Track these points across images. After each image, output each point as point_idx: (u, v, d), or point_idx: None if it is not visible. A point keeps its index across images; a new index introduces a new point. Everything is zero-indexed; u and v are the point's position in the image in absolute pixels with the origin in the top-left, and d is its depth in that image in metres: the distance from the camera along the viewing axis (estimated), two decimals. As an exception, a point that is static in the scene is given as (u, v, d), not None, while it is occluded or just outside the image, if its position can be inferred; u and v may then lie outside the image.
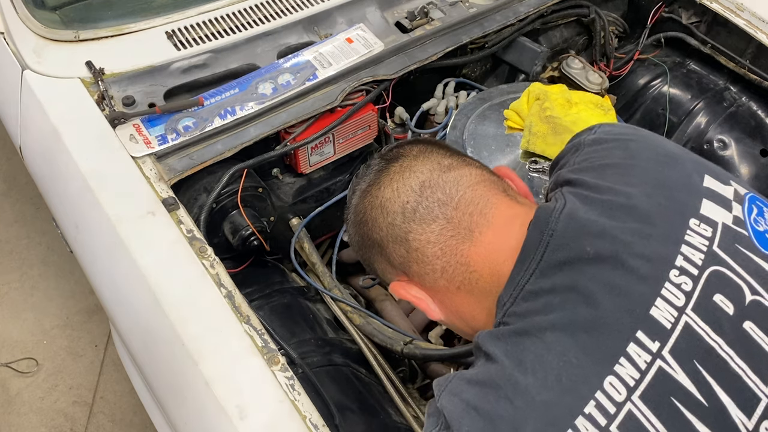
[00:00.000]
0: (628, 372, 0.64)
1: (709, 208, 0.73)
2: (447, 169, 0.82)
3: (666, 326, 0.65)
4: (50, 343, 2.15)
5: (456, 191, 0.80)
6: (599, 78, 1.71)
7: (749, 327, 0.66)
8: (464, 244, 0.78)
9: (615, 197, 0.74)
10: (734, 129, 1.76)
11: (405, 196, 0.81)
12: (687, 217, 0.71)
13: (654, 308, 0.66)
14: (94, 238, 1.21)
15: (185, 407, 1.03)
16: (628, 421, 0.62)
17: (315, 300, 1.41)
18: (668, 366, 0.64)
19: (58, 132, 1.28)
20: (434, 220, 0.79)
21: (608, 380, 0.63)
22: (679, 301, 0.66)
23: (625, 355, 0.64)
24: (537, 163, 1.35)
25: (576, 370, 0.65)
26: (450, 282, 0.80)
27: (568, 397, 0.64)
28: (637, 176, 0.76)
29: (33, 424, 1.98)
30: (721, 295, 0.67)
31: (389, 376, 1.29)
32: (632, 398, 0.63)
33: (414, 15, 1.57)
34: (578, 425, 0.62)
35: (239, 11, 1.50)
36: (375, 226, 0.83)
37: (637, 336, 0.65)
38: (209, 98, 1.35)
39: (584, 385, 0.64)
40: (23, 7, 1.42)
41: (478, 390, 0.68)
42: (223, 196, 1.31)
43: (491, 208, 0.79)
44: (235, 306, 1.05)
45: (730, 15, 1.72)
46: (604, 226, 0.71)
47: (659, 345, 0.64)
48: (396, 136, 1.63)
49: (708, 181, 0.76)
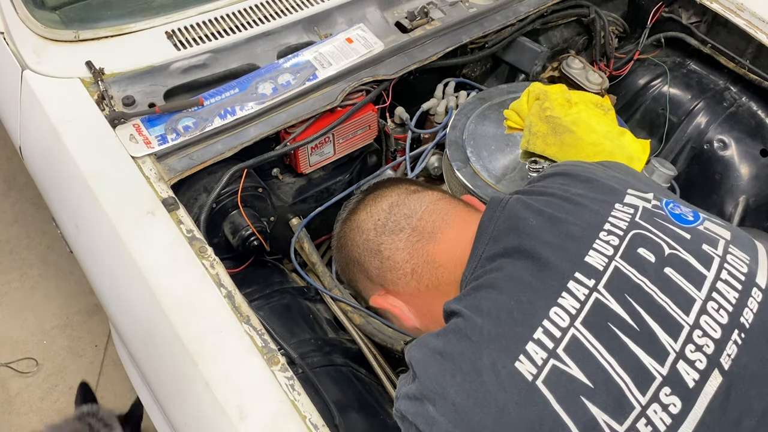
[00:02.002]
0: (570, 303, 0.74)
1: (632, 200, 0.86)
2: (412, 192, 0.95)
3: (599, 269, 0.77)
4: (50, 343, 2.15)
5: (420, 206, 0.92)
6: (599, 78, 1.71)
7: (669, 272, 0.77)
8: (429, 245, 0.89)
9: (553, 198, 0.88)
10: (734, 129, 1.76)
11: (376, 215, 0.94)
12: (612, 203, 0.85)
13: (588, 257, 0.78)
14: (94, 238, 1.21)
15: (185, 407, 1.03)
16: (572, 343, 0.72)
17: (315, 300, 1.41)
18: (603, 298, 0.75)
19: (58, 132, 1.28)
20: (401, 230, 0.91)
21: (553, 310, 0.74)
22: (609, 251, 0.79)
23: (567, 290, 0.75)
24: (537, 163, 1.35)
25: (525, 306, 0.75)
26: (419, 282, 0.90)
27: (520, 327, 0.73)
28: (573, 186, 0.90)
29: (33, 424, 1.98)
30: (643, 249, 0.79)
31: (389, 376, 1.29)
32: (575, 324, 0.73)
33: (414, 15, 1.57)
34: (528, 350, 0.71)
35: (239, 11, 1.50)
36: (353, 245, 0.95)
37: (575, 275, 0.76)
38: (209, 98, 1.35)
39: (533, 316, 0.74)
40: (23, 7, 1.42)
41: (442, 338, 0.78)
42: (223, 196, 1.31)
43: (452, 215, 0.92)
44: (235, 306, 1.05)
45: (730, 15, 1.72)
46: (543, 207, 0.85)
47: (594, 282, 0.76)
48: (396, 136, 1.63)
49: (631, 190, 0.89)
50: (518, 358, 0.71)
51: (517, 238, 0.82)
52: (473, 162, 1.38)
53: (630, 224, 0.82)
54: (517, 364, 0.71)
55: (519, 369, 0.70)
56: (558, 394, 0.69)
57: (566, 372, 0.70)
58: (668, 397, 0.69)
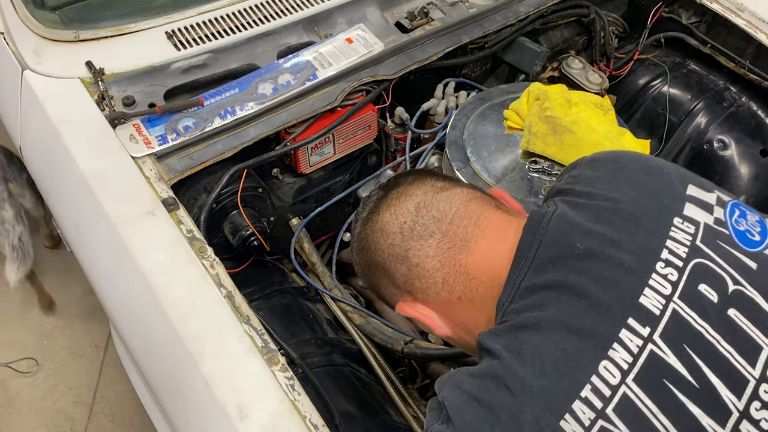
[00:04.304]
0: (622, 356, 0.66)
1: (692, 210, 0.77)
2: (440, 190, 0.86)
3: (655, 313, 0.68)
4: (50, 343, 2.15)
5: (450, 208, 0.84)
6: (599, 78, 1.71)
7: (733, 314, 0.70)
8: (461, 254, 0.81)
9: (603, 202, 0.79)
10: (734, 129, 1.76)
11: (402, 217, 0.85)
12: (671, 216, 0.75)
13: (643, 297, 0.69)
14: (94, 238, 1.21)
15: (185, 407, 1.03)
16: (623, 403, 0.65)
17: (315, 300, 1.41)
18: (659, 350, 0.67)
19: (58, 132, 1.28)
20: (431, 235, 0.83)
21: (603, 364, 0.66)
22: (666, 290, 0.70)
23: (618, 340, 0.67)
24: (537, 163, 1.35)
25: (572, 357, 0.68)
26: (451, 293, 0.83)
27: (565, 382, 0.66)
28: (624, 185, 0.81)
29: (33, 424, 1.98)
30: (705, 285, 0.71)
31: (389, 376, 1.29)
32: (626, 381, 0.65)
33: (414, 15, 1.57)
34: (575, 408, 0.65)
35: (239, 11, 1.50)
36: (377, 249, 0.87)
37: (628, 322, 0.68)
38: (209, 98, 1.35)
39: (580, 370, 0.67)
40: (23, 7, 1.42)
41: (479, 382, 0.71)
42: (223, 196, 1.31)
43: (485, 220, 0.83)
44: (235, 306, 1.05)
45: (730, 15, 1.72)
46: (592, 226, 0.76)
47: (650, 330, 0.68)
48: (396, 136, 1.63)
49: (691, 190, 0.80)
50: (564, 417, 0.65)
51: (562, 271, 0.73)
52: (473, 162, 1.38)
53: (690, 250, 0.73)
54: (563, 423, 0.65)
55: (564, 429, 0.65)
56: None
57: None
58: None
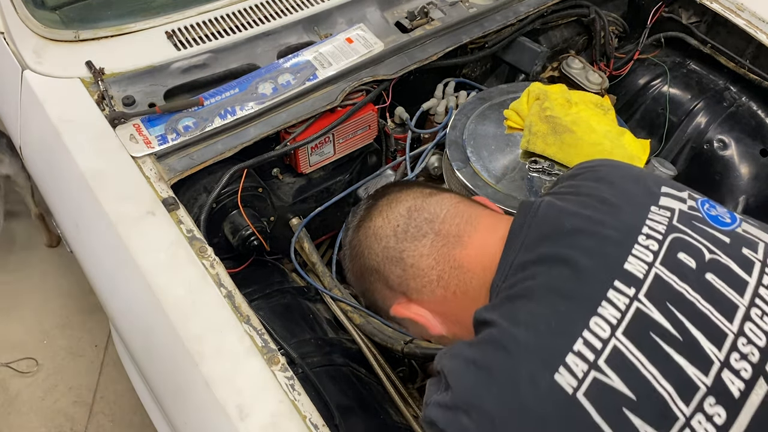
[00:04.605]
0: (610, 312, 0.72)
1: (667, 201, 0.84)
2: (429, 195, 0.91)
3: (639, 276, 0.74)
4: (50, 343, 2.15)
5: (440, 210, 0.88)
6: (599, 78, 1.71)
7: (711, 278, 0.75)
8: (455, 249, 0.85)
9: (586, 197, 0.85)
10: (734, 129, 1.76)
11: (395, 221, 0.89)
12: (649, 206, 0.83)
13: (627, 263, 0.75)
14: (94, 238, 1.21)
15: (185, 407, 1.03)
16: (614, 354, 0.69)
17: (315, 300, 1.41)
18: (644, 306, 0.72)
19: (58, 132, 1.28)
20: (424, 235, 0.86)
21: (593, 320, 0.71)
22: (648, 257, 0.76)
23: (606, 299, 0.72)
24: (537, 163, 1.35)
25: (564, 316, 0.72)
26: (446, 289, 0.86)
27: (559, 339, 0.71)
28: (604, 185, 0.87)
29: (33, 424, 1.98)
30: (684, 254, 0.77)
31: (389, 376, 1.29)
32: (616, 334, 0.70)
33: (414, 15, 1.57)
34: (568, 362, 0.69)
35: (239, 11, 1.50)
36: (371, 253, 0.90)
37: (614, 284, 0.73)
38: (209, 98, 1.35)
39: (572, 327, 0.71)
40: (23, 7, 1.42)
41: (476, 348, 0.75)
42: (223, 196, 1.31)
43: (476, 217, 0.88)
44: (235, 306, 1.05)
45: (730, 15, 1.72)
46: (579, 210, 0.82)
47: (635, 290, 0.73)
48: (396, 136, 1.63)
49: (665, 189, 0.86)
50: (558, 370, 0.69)
51: (551, 246, 0.79)
52: (473, 162, 1.38)
53: (668, 228, 0.79)
54: (557, 377, 0.69)
55: (559, 381, 0.68)
56: (599, 406, 0.67)
57: (608, 384, 0.68)
58: (713, 407, 0.68)
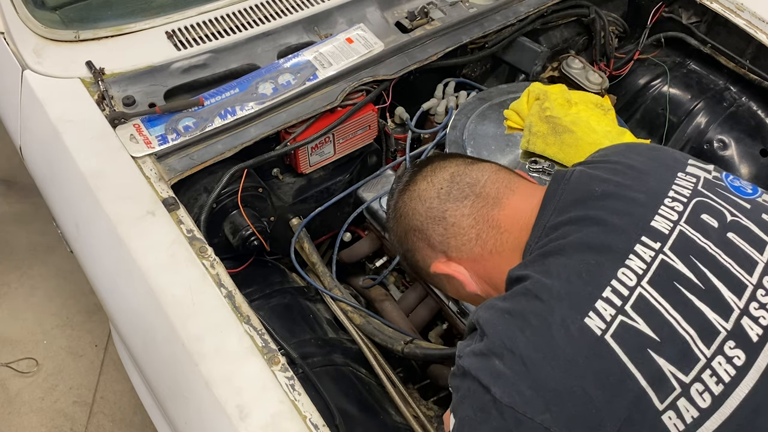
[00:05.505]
0: (637, 264, 0.77)
1: (693, 170, 0.90)
2: (471, 163, 0.98)
3: (664, 232, 0.80)
4: (50, 343, 2.15)
5: (482, 175, 0.95)
6: (599, 78, 1.71)
7: (732, 236, 0.81)
8: (494, 210, 0.91)
9: (616, 165, 0.91)
10: (734, 129, 1.76)
11: (439, 184, 0.95)
12: (675, 172, 0.88)
13: (653, 221, 0.81)
14: (94, 238, 1.21)
15: (185, 407, 1.03)
16: (639, 300, 0.75)
17: (315, 300, 1.41)
18: (669, 259, 0.77)
19: (58, 132, 1.28)
20: (466, 197, 0.93)
21: (621, 271, 0.76)
22: (674, 216, 0.81)
23: (634, 252, 0.78)
24: (537, 163, 1.35)
25: (594, 267, 0.78)
26: (483, 247, 0.92)
27: (589, 287, 0.76)
28: (633, 155, 0.94)
29: (33, 424, 1.98)
30: (706, 215, 0.82)
31: (389, 376, 1.29)
32: (642, 283, 0.76)
33: (414, 15, 1.57)
34: (597, 307, 0.74)
35: (239, 11, 1.50)
36: (415, 213, 0.97)
37: (642, 239, 0.79)
38: (209, 98, 1.35)
39: (601, 276, 0.77)
40: (23, 7, 1.42)
41: (510, 299, 0.81)
42: (223, 196, 1.31)
43: (514, 183, 0.95)
44: (235, 306, 1.05)
45: (730, 15, 1.72)
46: (609, 176, 0.88)
47: (660, 245, 0.78)
48: (396, 136, 1.63)
49: (692, 161, 0.93)
50: (588, 314, 0.74)
51: (582, 209, 0.84)
52: (473, 162, 1.37)
53: (693, 192, 0.84)
54: (587, 320, 0.73)
55: (588, 324, 0.73)
56: (626, 347, 0.72)
57: (634, 327, 0.73)
58: (732, 350, 0.72)
